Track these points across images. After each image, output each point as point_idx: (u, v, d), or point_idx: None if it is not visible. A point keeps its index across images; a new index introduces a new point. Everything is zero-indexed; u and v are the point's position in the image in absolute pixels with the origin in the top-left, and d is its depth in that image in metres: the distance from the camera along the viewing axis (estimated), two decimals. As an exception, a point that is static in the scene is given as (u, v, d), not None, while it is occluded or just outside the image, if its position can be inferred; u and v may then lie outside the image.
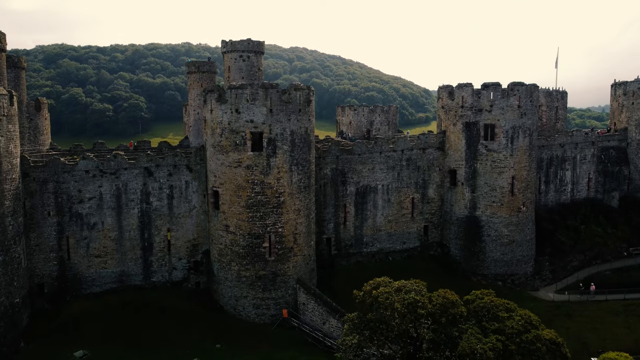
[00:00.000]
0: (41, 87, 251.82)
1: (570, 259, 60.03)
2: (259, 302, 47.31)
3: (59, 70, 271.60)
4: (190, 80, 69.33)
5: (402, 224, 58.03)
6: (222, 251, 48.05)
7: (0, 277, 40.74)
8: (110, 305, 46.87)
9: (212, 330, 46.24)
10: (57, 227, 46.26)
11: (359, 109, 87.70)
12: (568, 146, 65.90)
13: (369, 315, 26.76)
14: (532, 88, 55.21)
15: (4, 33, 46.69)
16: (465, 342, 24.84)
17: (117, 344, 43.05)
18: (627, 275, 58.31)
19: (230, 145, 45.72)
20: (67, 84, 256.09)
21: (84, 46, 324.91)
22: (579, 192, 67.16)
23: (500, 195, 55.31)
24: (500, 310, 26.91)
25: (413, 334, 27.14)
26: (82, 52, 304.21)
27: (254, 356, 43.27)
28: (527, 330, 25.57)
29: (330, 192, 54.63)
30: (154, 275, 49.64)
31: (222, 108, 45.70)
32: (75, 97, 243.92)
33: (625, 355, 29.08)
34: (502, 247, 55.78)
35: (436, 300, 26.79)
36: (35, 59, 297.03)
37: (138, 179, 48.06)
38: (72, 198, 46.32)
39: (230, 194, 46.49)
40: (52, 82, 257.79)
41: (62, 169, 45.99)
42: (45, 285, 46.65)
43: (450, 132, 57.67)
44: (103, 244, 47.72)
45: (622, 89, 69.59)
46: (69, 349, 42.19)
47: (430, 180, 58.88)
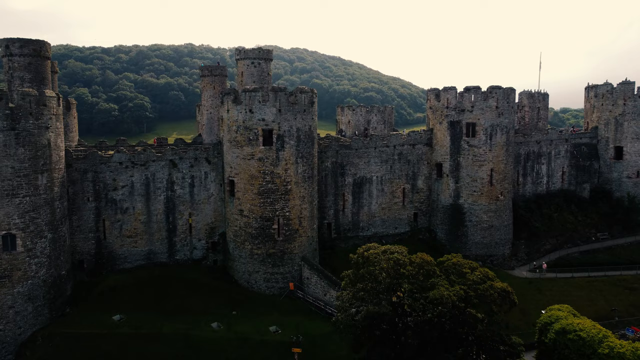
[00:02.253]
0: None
1: (544, 242, 67.46)
2: (269, 276, 54.67)
3: (65, 71, 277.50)
4: (203, 82, 76.56)
5: (394, 211, 65.40)
6: (236, 232, 55.39)
7: (50, 252, 48.15)
8: (140, 279, 54.20)
9: (229, 300, 53.56)
10: (95, 211, 53.62)
11: (357, 109, 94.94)
12: (544, 143, 73.33)
13: (362, 271, 33.99)
14: (508, 91, 62.60)
15: (48, 43, 53.96)
16: (436, 290, 32.11)
17: (148, 310, 50.33)
18: (592, 256, 65.70)
19: (244, 141, 53.04)
20: (74, 84, 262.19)
21: (88, 47, 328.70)
22: (554, 184, 74.58)
23: (480, 186, 62.70)
24: (464, 267, 34.19)
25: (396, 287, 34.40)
26: (87, 52, 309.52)
27: (265, 321, 50.62)
28: (483, 282, 32.81)
29: (331, 182, 61.99)
30: (177, 254, 57.01)
31: (237, 108, 53.03)
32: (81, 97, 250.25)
33: (566, 307, 36.40)
34: (482, 231, 63.18)
35: (415, 259, 34.10)
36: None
37: (164, 170, 55.42)
38: (107, 186, 53.66)
39: (244, 183, 53.83)
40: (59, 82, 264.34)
41: (99, 161, 53.33)
42: (84, 261, 53.99)
43: (437, 130, 65.08)
44: (134, 226, 55.08)
45: (593, 91, 76.97)
46: (107, 313, 49.57)
47: (419, 173, 66.28)
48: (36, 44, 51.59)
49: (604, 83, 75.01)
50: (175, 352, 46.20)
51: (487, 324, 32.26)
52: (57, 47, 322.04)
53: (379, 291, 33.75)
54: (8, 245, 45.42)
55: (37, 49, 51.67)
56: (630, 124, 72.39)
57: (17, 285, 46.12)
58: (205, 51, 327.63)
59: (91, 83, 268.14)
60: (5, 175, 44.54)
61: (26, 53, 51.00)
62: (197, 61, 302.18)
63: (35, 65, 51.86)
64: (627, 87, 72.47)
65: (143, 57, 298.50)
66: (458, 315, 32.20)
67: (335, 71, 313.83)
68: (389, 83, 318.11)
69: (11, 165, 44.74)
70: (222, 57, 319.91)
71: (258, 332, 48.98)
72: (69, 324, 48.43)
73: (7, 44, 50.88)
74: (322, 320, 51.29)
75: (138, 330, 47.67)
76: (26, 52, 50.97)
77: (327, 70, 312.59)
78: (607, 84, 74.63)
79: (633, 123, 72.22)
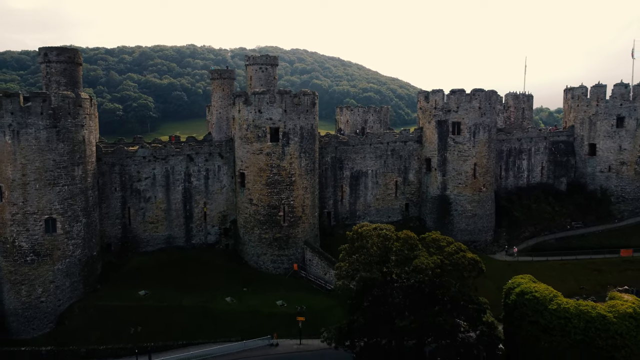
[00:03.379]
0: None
1: (523, 230, 74.43)
2: (276, 258, 61.56)
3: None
4: (213, 85, 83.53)
5: (387, 201, 72.31)
6: (246, 219, 62.26)
7: (84, 235, 55.00)
8: (162, 260, 61.03)
9: (240, 279, 60.44)
10: (121, 200, 60.46)
11: (355, 109, 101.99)
12: (524, 140, 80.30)
13: (356, 244, 40.73)
14: (490, 93, 69.53)
15: (79, 50, 60.74)
16: (418, 260, 38.88)
17: (169, 286, 57.14)
18: (567, 242, 72.66)
19: (254, 137, 59.90)
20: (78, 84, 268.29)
21: (92, 48, 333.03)
22: (534, 178, 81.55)
23: (465, 178, 69.63)
24: (442, 242, 40.94)
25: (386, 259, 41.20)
26: (91, 53, 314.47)
27: (273, 297, 57.50)
28: (457, 253, 39.56)
29: (330, 175, 68.89)
30: (193, 239, 63.87)
31: (247, 109, 59.89)
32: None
33: (528, 276, 43.22)
34: (466, 219, 70.12)
35: (400, 235, 40.88)
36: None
37: (182, 164, 62.30)
38: (132, 177, 60.50)
39: (253, 175, 60.70)
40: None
41: (125, 155, 60.18)
42: (112, 244, 60.80)
43: (426, 128, 71.99)
44: (155, 213, 61.94)
45: (570, 93, 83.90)
46: (133, 289, 56.38)
47: (410, 167, 73.20)
48: (70, 52, 58.47)
49: (580, 86, 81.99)
50: (195, 322, 53.10)
51: (459, 287, 39.09)
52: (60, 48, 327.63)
53: (371, 261, 40.50)
54: (49, 228, 52.24)
55: (72, 56, 58.52)
56: (602, 123, 79.39)
57: (57, 263, 52.93)
58: (207, 52, 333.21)
59: (96, 83, 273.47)
60: (47, 167, 51.36)
61: (62, 60, 57.84)
62: (199, 62, 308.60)
63: (69, 71, 58.72)
64: (599, 89, 79.47)
65: (146, 58, 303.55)
66: (436, 280, 38.96)
67: (335, 72, 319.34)
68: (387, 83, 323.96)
69: (53, 158, 51.56)
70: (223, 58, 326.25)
71: (266, 305, 55.90)
72: (101, 297, 55.35)
73: (45, 52, 57.71)
74: (323, 296, 58.29)
75: (162, 303, 54.58)
76: (62, 59, 57.81)
77: (327, 70, 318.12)
78: (582, 87, 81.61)
79: (605, 122, 79.23)
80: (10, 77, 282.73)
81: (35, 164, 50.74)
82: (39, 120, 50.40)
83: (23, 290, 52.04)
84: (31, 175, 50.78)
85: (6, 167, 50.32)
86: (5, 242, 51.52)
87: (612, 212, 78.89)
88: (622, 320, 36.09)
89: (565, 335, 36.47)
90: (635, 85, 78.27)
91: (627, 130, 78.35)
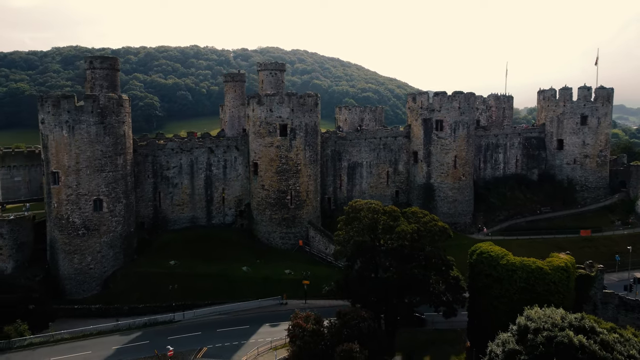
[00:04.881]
0: (62, 87, 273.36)
1: (498, 214, 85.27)
2: (284, 235, 72.29)
3: (77, 72, 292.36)
4: (226, 87, 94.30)
5: (380, 189, 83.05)
6: (259, 202, 72.99)
7: (124, 214, 65.67)
8: (187, 236, 71.69)
9: (254, 252, 71.18)
10: (153, 185, 71.14)
11: (352, 108, 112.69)
12: (501, 136, 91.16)
13: (351, 216, 51.32)
14: (468, 95, 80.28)
15: (117, 58, 71.38)
16: (399, 227, 49.55)
17: (194, 258, 67.82)
18: (535, 225, 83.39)
19: (265, 132, 70.60)
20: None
21: (98, 48, 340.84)
22: (509, 169, 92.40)
23: (446, 169, 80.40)
24: (419, 214, 51.63)
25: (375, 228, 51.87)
26: (97, 54, 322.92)
27: (282, 267, 68.21)
28: (431, 222, 50.19)
29: (330, 166, 79.61)
30: (213, 219, 74.60)
31: (260, 108, 70.58)
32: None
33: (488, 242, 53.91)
34: (448, 204, 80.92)
35: (386, 209, 51.57)
36: (53, 61, 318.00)
37: (204, 155, 72.99)
38: (162, 166, 71.18)
39: (265, 164, 71.40)
40: (72, 82, 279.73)
41: (157, 147, 70.87)
42: (145, 223, 71.47)
43: (413, 125, 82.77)
44: (182, 197, 72.64)
45: (542, 94, 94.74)
46: (165, 260, 67.04)
47: (400, 159, 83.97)
48: (112, 60, 69.20)
49: (550, 88, 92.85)
50: (218, 286, 63.80)
51: (431, 248, 49.77)
52: (67, 48, 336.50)
53: (363, 229, 51.12)
54: (97, 207, 62.97)
55: (112, 63, 69.26)
56: (568, 121, 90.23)
57: (103, 236, 63.66)
58: (210, 53, 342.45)
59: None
60: (96, 156, 62.07)
61: (104, 67, 68.53)
62: (203, 62, 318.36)
63: (110, 76, 69.42)
64: (566, 92, 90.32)
65: (151, 59, 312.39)
66: (413, 243, 49.66)
67: (335, 72, 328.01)
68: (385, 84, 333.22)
69: (100, 149, 62.26)
70: (226, 59, 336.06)
71: (277, 273, 66.67)
72: (139, 266, 66.11)
73: (91, 60, 68.49)
74: (324, 266, 69.08)
75: (189, 270, 65.29)
76: (105, 66, 68.50)
77: (327, 71, 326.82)
78: (552, 89, 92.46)
79: (570, 120, 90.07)
80: (20, 77, 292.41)
81: (86, 153, 61.46)
82: (90, 117, 61.11)
83: (75, 259, 62.74)
84: (83, 163, 61.50)
85: (63, 156, 61.04)
86: (61, 218, 62.23)
87: (576, 199, 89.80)
88: (555, 272, 46.85)
89: (512, 283, 47.14)
90: (597, 88, 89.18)
91: (589, 128, 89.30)
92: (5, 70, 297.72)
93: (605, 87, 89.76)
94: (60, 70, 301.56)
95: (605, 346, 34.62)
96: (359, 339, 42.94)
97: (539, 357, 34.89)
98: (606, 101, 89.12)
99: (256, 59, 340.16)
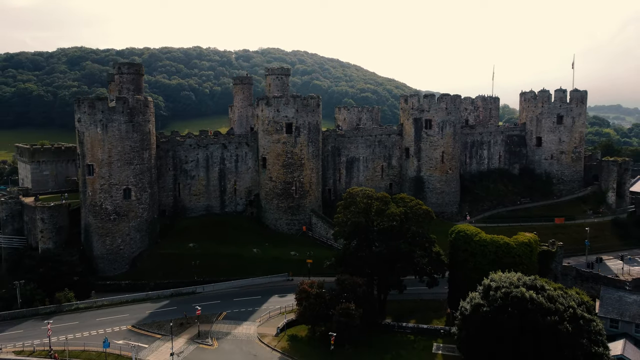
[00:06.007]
0: (69, 87, 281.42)
1: (482, 204, 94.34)
2: (289, 221, 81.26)
3: (84, 72, 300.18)
4: (235, 89, 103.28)
5: (375, 181, 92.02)
6: (267, 193, 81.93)
7: (149, 202, 74.53)
8: (204, 222, 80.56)
9: (262, 236, 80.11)
10: (173, 177, 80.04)
11: (351, 109, 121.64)
12: (485, 134, 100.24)
13: (348, 201, 60.22)
14: (454, 97, 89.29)
15: (142, 64, 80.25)
16: (389, 210, 58.49)
17: (211, 240, 76.64)
18: (515, 214, 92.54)
19: (273, 130, 79.51)
20: (92, 84, 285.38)
21: (102, 49, 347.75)
22: (493, 164, 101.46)
23: (435, 163, 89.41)
24: (406, 199, 60.60)
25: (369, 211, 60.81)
26: (102, 55, 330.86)
27: (288, 249, 77.20)
28: (416, 206, 59.14)
29: (331, 160, 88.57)
30: (226, 207, 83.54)
31: (268, 109, 79.52)
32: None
33: (466, 224, 62.97)
34: (436, 195, 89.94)
35: (379, 195, 60.52)
36: (59, 61, 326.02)
37: (218, 150, 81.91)
38: (181, 160, 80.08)
39: (273, 159, 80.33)
40: (79, 82, 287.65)
41: (177, 143, 79.80)
42: (166, 210, 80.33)
43: (405, 124, 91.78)
44: (198, 188, 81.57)
45: (524, 96, 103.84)
46: (184, 242, 75.96)
47: (393, 154, 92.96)
48: (137, 66, 78.18)
49: (529, 91, 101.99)
50: (232, 264, 72.78)
51: (416, 228, 58.69)
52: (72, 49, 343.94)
53: (358, 212, 60.06)
54: (126, 195, 71.82)
55: (138, 69, 78.24)
56: (546, 120, 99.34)
57: (131, 221, 72.53)
58: (213, 54, 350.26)
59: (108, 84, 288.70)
60: (126, 151, 70.94)
61: (131, 72, 77.46)
62: (206, 63, 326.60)
63: (136, 80, 78.38)
64: (544, 94, 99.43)
65: (155, 60, 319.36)
66: (401, 224, 58.58)
67: (334, 73, 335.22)
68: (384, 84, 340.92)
69: (129, 144, 71.12)
70: (228, 60, 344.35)
71: (283, 254, 75.67)
72: (162, 247, 75.04)
73: (119, 66, 77.42)
74: (324, 249, 78.00)
75: (207, 251, 74.19)
76: (131, 71, 77.43)
77: (327, 72, 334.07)
78: (532, 92, 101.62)
79: (548, 120, 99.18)
80: (27, 78, 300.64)
81: (117, 148, 70.33)
82: (121, 116, 69.99)
83: (107, 241, 71.63)
84: (114, 156, 70.38)
85: (97, 151, 69.93)
86: (95, 205, 71.14)
87: (553, 190, 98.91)
88: (520, 247, 55.95)
89: (484, 257, 56.10)
90: (572, 91, 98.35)
91: (565, 126, 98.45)
92: (13, 71, 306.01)
93: (579, 90, 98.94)
94: (67, 70, 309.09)
95: (550, 299, 43.80)
96: (355, 301, 52.10)
97: (497, 308, 44.13)
98: (580, 102, 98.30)
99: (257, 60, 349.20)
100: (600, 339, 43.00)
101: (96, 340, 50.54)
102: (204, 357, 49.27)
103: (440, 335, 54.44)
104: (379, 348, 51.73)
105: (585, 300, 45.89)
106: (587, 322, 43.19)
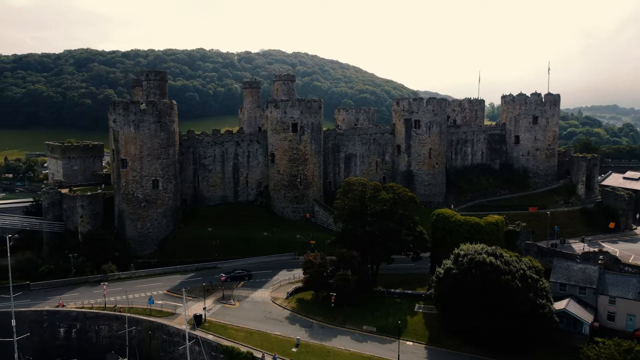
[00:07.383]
0: (77, 88, 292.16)
1: (466, 195, 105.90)
2: (294, 209, 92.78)
3: (91, 74, 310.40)
4: (245, 92, 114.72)
5: (370, 175, 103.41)
6: (275, 184, 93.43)
7: (174, 191, 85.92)
8: (220, 210, 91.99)
9: (271, 222, 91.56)
10: (193, 170, 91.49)
11: (349, 109, 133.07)
12: (469, 133, 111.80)
13: (346, 189, 71.71)
14: (440, 100, 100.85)
15: (166, 72, 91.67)
16: (380, 196, 69.93)
17: (227, 225, 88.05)
18: (495, 203, 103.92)
19: (281, 129, 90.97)
20: (100, 85, 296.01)
21: (109, 51, 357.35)
22: (476, 160, 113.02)
23: (423, 159, 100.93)
24: (395, 187, 72.11)
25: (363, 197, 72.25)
26: (108, 56, 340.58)
27: (293, 233, 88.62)
28: (403, 192, 70.65)
29: (331, 156, 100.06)
30: (239, 197, 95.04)
31: (277, 111, 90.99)
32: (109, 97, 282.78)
33: (446, 208, 74.46)
34: (424, 187, 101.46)
35: (372, 184, 72.01)
36: (66, 63, 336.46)
37: (232, 147, 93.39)
38: (200, 156, 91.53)
39: (280, 154, 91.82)
40: (87, 84, 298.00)
41: (196, 141, 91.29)
42: (187, 200, 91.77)
43: (397, 124, 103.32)
44: (215, 180, 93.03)
45: (504, 99, 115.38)
46: (204, 227, 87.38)
47: (386, 151, 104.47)
48: (162, 74, 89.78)
49: (509, 94, 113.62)
50: (245, 245, 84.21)
51: (403, 211, 70.15)
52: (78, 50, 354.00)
53: (355, 198, 71.61)
54: (155, 185, 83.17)
55: (163, 76, 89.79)
56: (523, 121, 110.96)
57: (159, 208, 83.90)
58: (216, 56, 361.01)
59: (116, 84, 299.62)
60: (154, 147, 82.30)
61: (157, 79, 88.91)
62: (209, 65, 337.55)
63: (161, 86, 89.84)
64: (521, 97, 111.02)
65: (160, 61, 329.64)
66: (390, 207, 70.07)
67: (334, 74, 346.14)
68: (382, 85, 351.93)
69: (157, 142, 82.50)
70: (231, 61, 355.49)
71: (290, 237, 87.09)
72: (185, 231, 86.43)
73: (147, 74, 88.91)
74: (326, 233, 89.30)
75: (224, 234, 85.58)
76: (157, 78, 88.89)
77: (326, 73, 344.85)
78: (511, 95, 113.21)
79: (525, 120, 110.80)
80: (36, 79, 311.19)
81: (147, 145, 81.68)
82: (150, 118, 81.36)
83: (138, 225, 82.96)
84: (145, 152, 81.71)
85: (130, 147, 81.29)
86: (128, 194, 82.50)
87: (529, 183, 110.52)
88: (488, 226, 67.51)
89: (459, 235, 67.48)
90: (546, 94, 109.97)
91: (539, 126, 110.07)
92: (22, 72, 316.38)
93: (553, 94, 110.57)
94: (75, 72, 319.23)
95: (506, 263, 55.31)
96: (351, 269, 63.58)
97: (464, 271, 55.66)
98: (553, 105, 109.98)
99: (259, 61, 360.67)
100: (545, 294, 54.61)
101: (140, 302, 62.07)
102: (229, 312, 60.79)
103: (422, 299, 65.88)
104: (371, 307, 63.15)
105: (535, 265, 57.58)
106: (535, 281, 54.77)
